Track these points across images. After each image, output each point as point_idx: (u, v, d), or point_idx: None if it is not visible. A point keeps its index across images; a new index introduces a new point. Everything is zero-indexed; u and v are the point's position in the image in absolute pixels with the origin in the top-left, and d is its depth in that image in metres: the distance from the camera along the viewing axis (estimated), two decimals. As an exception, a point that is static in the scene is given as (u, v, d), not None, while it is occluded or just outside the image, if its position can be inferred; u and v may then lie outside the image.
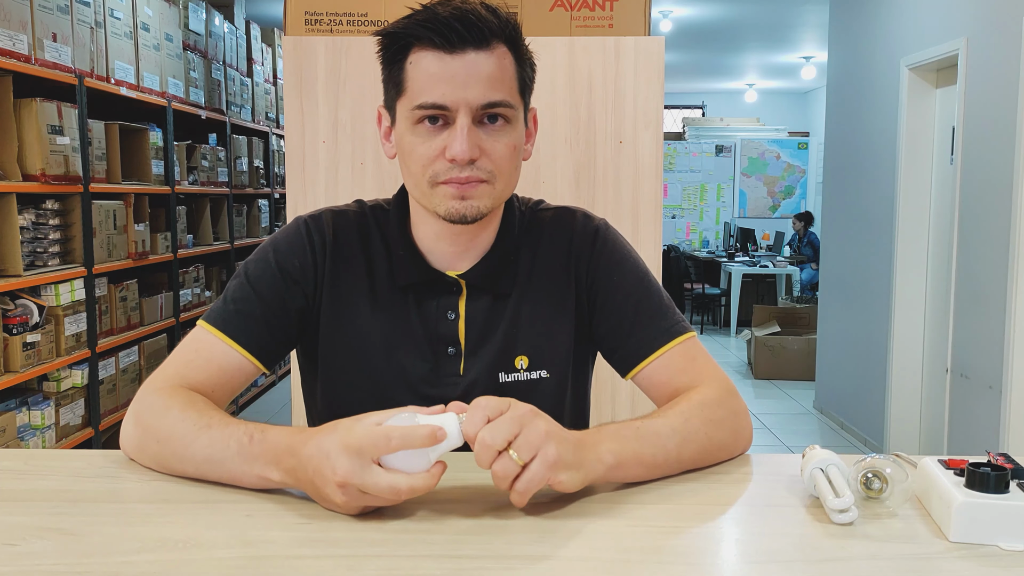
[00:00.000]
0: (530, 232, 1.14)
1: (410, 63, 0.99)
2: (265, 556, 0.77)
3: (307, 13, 2.20)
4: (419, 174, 1.02)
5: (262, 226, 5.80)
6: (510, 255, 1.11)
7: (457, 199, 1.00)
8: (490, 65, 0.98)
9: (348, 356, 1.11)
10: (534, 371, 1.11)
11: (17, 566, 0.74)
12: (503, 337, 1.10)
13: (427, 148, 1.00)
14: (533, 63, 1.06)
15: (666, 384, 1.09)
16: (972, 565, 0.75)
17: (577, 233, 1.14)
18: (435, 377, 1.09)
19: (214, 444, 0.91)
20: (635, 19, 2.25)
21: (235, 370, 1.05)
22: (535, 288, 1.12)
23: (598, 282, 1.12)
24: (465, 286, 1.10)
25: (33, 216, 3.19)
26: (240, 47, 5.44)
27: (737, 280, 7.98)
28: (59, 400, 3.29)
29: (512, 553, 0.77)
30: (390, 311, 1.10)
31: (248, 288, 1.08)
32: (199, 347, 1.06)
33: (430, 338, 1.10)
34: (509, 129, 1.02)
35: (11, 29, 2.90)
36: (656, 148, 2.19)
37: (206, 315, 1.09)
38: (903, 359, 4.22)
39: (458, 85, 0.97)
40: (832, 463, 0.89)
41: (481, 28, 0.97)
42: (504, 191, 1.05)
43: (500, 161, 1.01)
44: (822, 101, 6.44)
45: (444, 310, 1.10)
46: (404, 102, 1.01)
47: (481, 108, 0.98)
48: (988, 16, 3.36)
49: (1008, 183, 3.13)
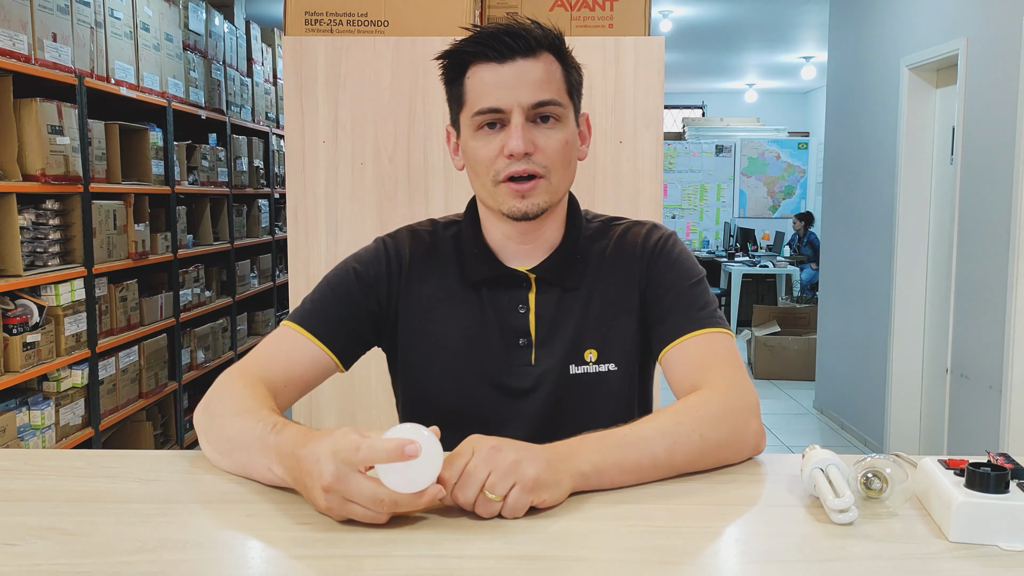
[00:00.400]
0: (600, 237, 1.22)
1: (468, 78, 1.11)
2: (265, 556, 0.77)
3: (307, 13, 2.20)
4: (484, 175, 1.11)
5: (262, 226, 5.80)
6: (576, 253, 1.19)
7: (518, 198, 1.10)
8: (538, 70, 1.09)
9: (426, 355, 1.19)
10: (603, 364, 1.17)
11: (17, 566, 0.74)
12: (573, 331, 1.17)
13: (488, 149, 1.10)
14: (579, 69, 1.17)
15: (680, 373, 1.12)
16: (972, 565, 0.75)
17: (644, 237, 1.22)
18: (508, 367, 1.16)
19: (244, 427, 0.97)
20: (635, 19, 2.25)
21: (310, 363, 1.13)
22: (604, 287, 1.20)
23: (653, 277, 1.19)
24: (534, 280, 1.18)
25: (33, 216, 3.19)
26: (240, 47, 5.43)
27: (737, 280, 7.98)
28: (59, 400, 3.29)
29: (512, 553, 0.77)
30: (465, 307, 1.18)
31: (328, 291, 1.19)
32: (281, 343, 1.15)
33: (503, 330, 1.17)
34: (560, 127, 1.11)
35: (11, 29, 2.90)
36: (656, 148, 2.19)
37: (288, 316, 1.19)
38: (903, 359, 4.22)
39: (510, 89, 1.08)
40: (832, 463, 0.89)
41: (527, 38, 1.09)
42: (560, 185, 1.13)
43: (553, 156, 1.10)
44: (822, 101, 6.44)
45: (515, 303, 1.18)
46: (466, 112, 1.12)
47: (532, 107, 1.08)
48: (988, 16, 3.36)
49: (1008, 183, 3.13)
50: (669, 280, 1.18)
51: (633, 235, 1.22)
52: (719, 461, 1.01)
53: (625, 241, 1.21)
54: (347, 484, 0.81)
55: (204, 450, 1.03)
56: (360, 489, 0.81)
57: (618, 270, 1.20)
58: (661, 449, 0.96)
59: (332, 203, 2.18)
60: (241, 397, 1.02)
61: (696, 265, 1.22)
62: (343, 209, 2.17)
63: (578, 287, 1.18)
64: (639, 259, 1.20)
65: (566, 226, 1.21)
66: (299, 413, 2.16)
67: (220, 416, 1.01)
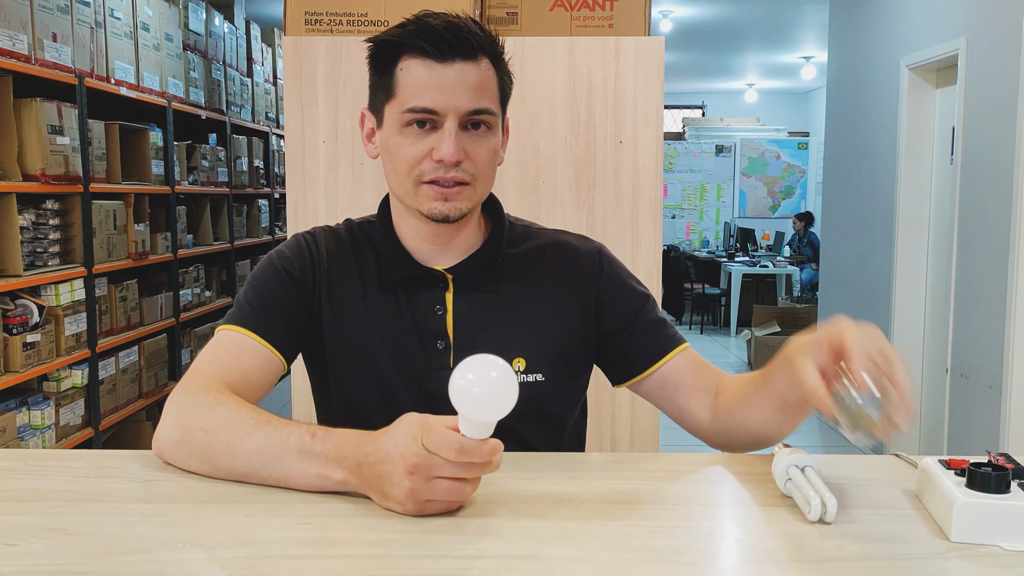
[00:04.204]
0: (525, 241, 1.20)
1: (400, 69, 1.06)
2: (265, 556, 0.76)
3: (307, 13, 2.20)
4: (405, 173, 1.08)
5: (262, 226, 5.80)
6: (498, 256, 1.17)
7: (440, 200, 1.07)
8: (476, 75, 1.05)
9: (352, 355, 1.15)
10: (530, 374, 1.14)
11: (17, 566, 0.74)
12: (497, 338, 1.13)
13: (414, 149, 1.06)
14: (511, 76, 1.13)
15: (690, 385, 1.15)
16: (973, 565, 0.75)
17: (583, 252, 1.20)
18: (427, 370, 1.12)
19: (271, 438, 0.91)
20: (635, 19, 2.25)
21: (263, 365, 1.09)
22: (536, 297, 1.17)
23: (606, 299, 1.18)
24: (451, 281, 1.15)
25: (33, 216, 3.19)
26: (240, 47, 5.43)
27: (737, 280, 7.98)
28: (59, 400, 3.29)
29: (512, 553, 0.77)
30: (382, 308, 1.14)
31: (258, 289, 1.14)
32: (226, 347, 1.09)
33: (420, 332, 1.14)
34: (490, 135, 1.09)
35: (11, 29, 2.90)
36: (656, 148, 2.19)
37: (224, 320, 1.13)
38: (903, 359, 4.21)
39: (447, 92, 1.04)
40: (806, 463, 0.90)
41: (470, 41, 1.04)
42: (483, 192, 1.11)
43: (481, 164, 1.08)
44: (822, 101, 6.44)
45: (432, 304, 1.14)
46: (394, 105, 1.07)
47: (467, 114, 1.05)
48: (988, 16, 3.36)
49: (1008, 183, 3.13)
50: (628, 302, 1.18)
51: (567, 248, 1.20)
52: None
53: (557, 252, 1.19)
54: (429, 459, 0.81)
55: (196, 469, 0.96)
56: (440, 445, 0.80)
57: (554, 283, 1.17)
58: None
59: (332, 203, 2.18)
60: (244, 410, 0.96)
61: (637, 280, 1.23)
62: (343, 209, 2.17)
63: (497, 291, 1.15)
64: (579, 272, 1.18)
65: (490, 228, 1.18)
66: (298, 412, 2.16)
67: (232, 429, 0.94)
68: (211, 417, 0.96)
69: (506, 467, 0.99)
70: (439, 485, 0.82)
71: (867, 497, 0.92)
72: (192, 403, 0.99)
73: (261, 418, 0.95)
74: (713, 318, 8.70)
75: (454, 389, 0.80)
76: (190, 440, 0.96)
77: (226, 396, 0.99)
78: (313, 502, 0.88)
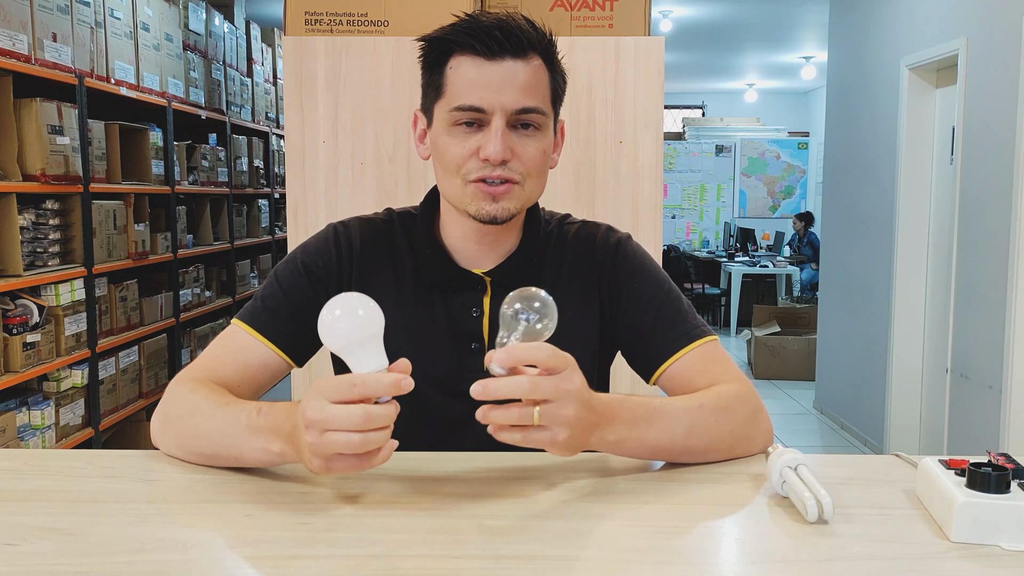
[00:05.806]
0: (557, 241, 1.18)
1: (450, 68, 1.05)
2: (265, 556, 0.77)
3: (307, 13, 2.20)
4: (453, 173, 1.06)
5: (262, 226, 5.80)
6: (534, 258, 1.16)
7: (489, 201, 1.05)
8: (526, 73, 1.04)
9: None
10: None
11: (17, 566, 0.74)
12: None
13: (462, 148, 1.05)
14: (565, 76, 1.12)
15: (687, 386, 1.11)
16: (973, 565, 0.75)
17: (599, 244, 1.18)
18: (459, 372, 1.12)
19: (227, 419, 0.95)
20: (635, 19, 2.25)
21: (261, 364, 1.10)
22: (561, 295, 1.14)
23: (619, 289, 1.16)
24: (489, 284, 1.14)
25: (33, 216, 3.19)
26: (240, 47, 5.43)
27: (737, 280, 7.98)
28: (59, 400, 3.29)
29: (512, 553, 0.77)
30: (416, 308, 1.14)
31: (276, 286, 1.14)
32: (229, 343, 1.11)
33: (455, 334, 1.13)
34: (540, 135, 1.07)
35: (11, 29, 2.90)
36: (656, 148, 2.19)
37: (238, 314, 1.14)
38: (903, 359, 4.22)
39: (495, 90, 1.02)
40: (799, 462, 0.90)
41: (520, 38, 1.03)
42: (532, 194, 1.09)
43: (530, 164, 1.06)
44: (822, 101, 6.44)
45: (469, 307, 1.13)
46: (442, 104, 1.06)
47: (515, 113, 1.03)
48: (988, 16, 3.36)
49: (1008, 183, 3.13)
50: (640, 292, 1.15)
51: (588, 237, 1.18)
52: (733, 453, 1.02)
53: (580, 244, 1.18)
54: (323, 408, 0.80)
55: (176, 454, 1.01)
56: (334, 389, 0.80)
57: (576, 279, 1.16)
58: (681, 430, 0.97)
59: (332, 203, 2.18)
60: (207, 398, 0.99)
61: (655, 265, 1.19)
62: (343, 209, 2.17)
63: None
64: (596, 265, 1.16)
65: (524, 229, 1.16)
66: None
67: (200, 412, 0.98)
68: (184, 404, 1.01)
69: (506, 467, 1.00)
70: (333, 438, 0.80)
71: (867, 497, 0.92)
72: (174, 393, 1.04)
73: (222, 400, 0.98)
74: (713, 318, 8.70)
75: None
76: (169, 427, 1.02)
77: (201, 385, 1.02)
78: (313, 502, 0.88)
